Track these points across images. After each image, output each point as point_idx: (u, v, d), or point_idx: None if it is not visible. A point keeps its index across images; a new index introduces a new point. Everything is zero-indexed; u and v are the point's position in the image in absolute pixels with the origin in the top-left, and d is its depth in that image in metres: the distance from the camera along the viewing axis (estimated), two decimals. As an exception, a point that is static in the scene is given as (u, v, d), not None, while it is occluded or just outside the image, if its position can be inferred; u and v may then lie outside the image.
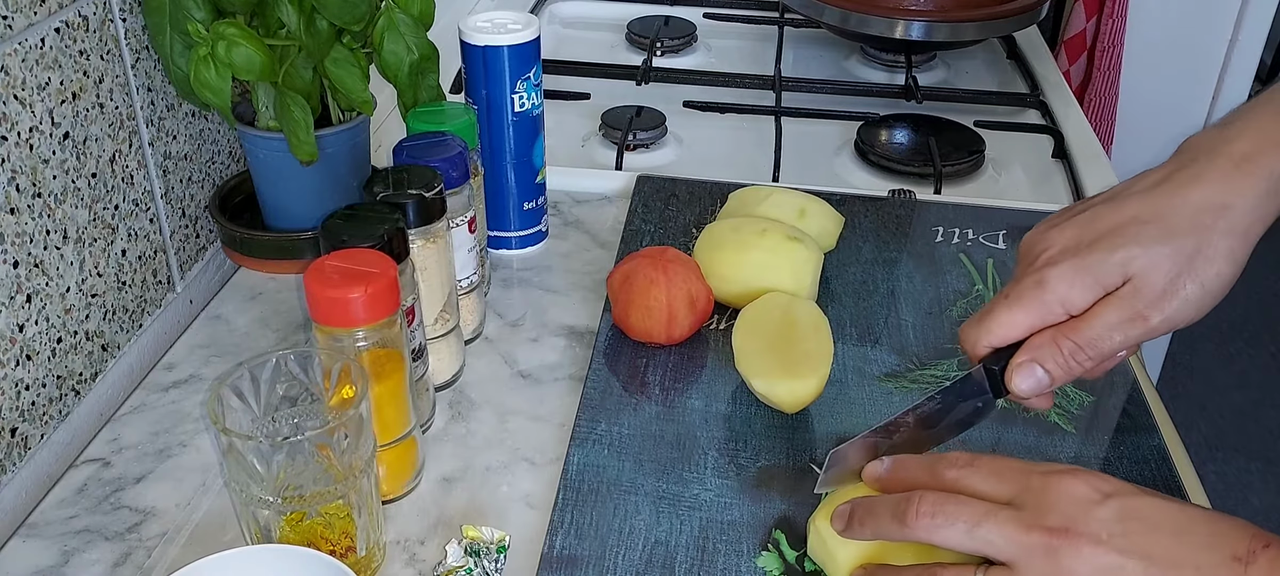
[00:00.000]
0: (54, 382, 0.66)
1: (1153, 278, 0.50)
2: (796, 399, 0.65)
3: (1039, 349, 0.52)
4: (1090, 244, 0.51)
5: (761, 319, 0.69)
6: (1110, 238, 0.51)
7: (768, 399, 0.65)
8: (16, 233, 0.61)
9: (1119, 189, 0.53)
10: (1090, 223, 0.52)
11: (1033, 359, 0.52)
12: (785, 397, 0.65)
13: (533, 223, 0.86)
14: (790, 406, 0.65)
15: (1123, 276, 0.50)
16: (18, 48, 0.60)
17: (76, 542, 0.60)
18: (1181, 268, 0.50)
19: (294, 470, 0.53)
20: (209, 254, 0.83)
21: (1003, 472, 0.49)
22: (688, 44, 1.30)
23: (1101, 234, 0.51)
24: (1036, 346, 0.52)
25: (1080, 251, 0.51)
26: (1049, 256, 0.52)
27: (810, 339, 0.67)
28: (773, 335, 0.68)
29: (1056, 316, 0.52)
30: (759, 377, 0.65)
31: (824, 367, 0.65)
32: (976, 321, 0.54)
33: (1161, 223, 0.50)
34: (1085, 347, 0.51)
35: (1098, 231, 0.51)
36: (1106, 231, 0.51)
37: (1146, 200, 0.51)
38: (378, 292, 0.56)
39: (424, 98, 0.76)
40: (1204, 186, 0.50)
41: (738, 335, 0.68)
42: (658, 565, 0.56)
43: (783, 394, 0.64)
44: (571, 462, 0.63)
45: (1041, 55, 1.28)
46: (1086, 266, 0.51)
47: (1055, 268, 0.51)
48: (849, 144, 1.06)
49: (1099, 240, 0.51)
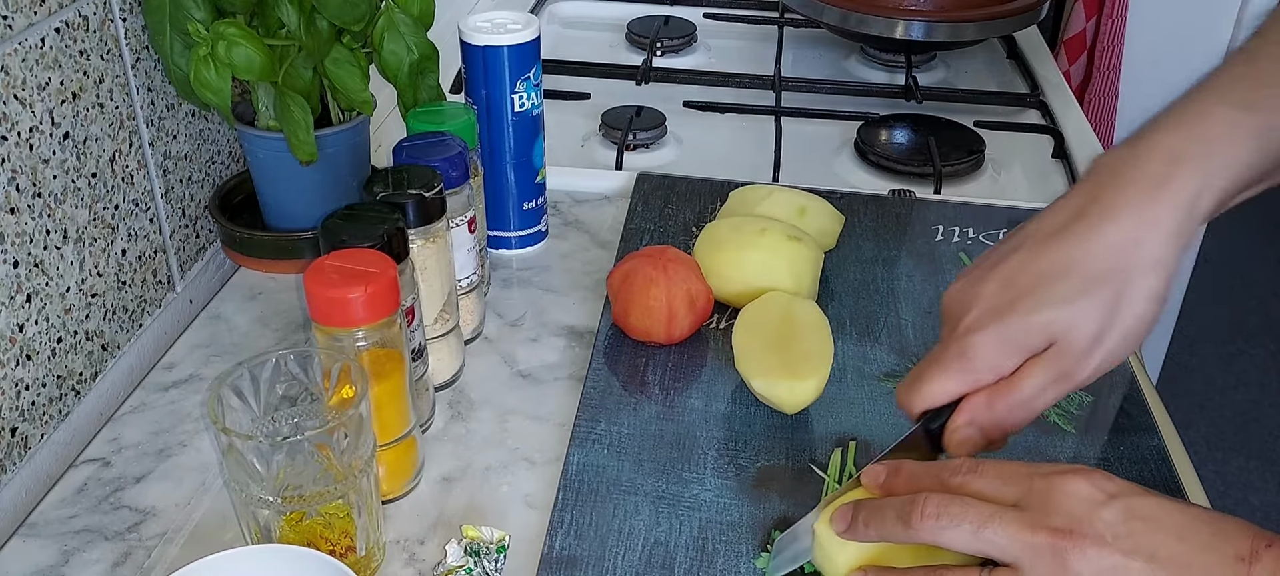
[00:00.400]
0: (54, 382, 0.66)
1: (1076, 336, 0.50)
2: (797, 399, 0.65)
3: (974, 411, 0.52)
4: (1011, 305, 0.51)
5: (762, 318, 0.69)
6: (1030, 298, 0.51)
7: (767, 399, 0.65)
8: (16, 232, 0.61)
9: (1033, 228, 0.53)
10: (1010, 280, 0.52)
11: (969, 419, 0.53)
12: (785, 398, 0.65)
13: (532, 222, 0.86)
14: (790, 407, 0.65)
15: (1046, 339, 0.51)
16: (18, 47, 0.60)
17: (76, 542, 0.60)
18: (1104, 320, 0.50)
19: (294, 470, 0.53)
20: (209, 254, 0.83)
21: (1007, 475, 0.49)
22: (688, 44, 1.30)
23: (1021, 293, 0.51)
24: (972, 408, 0.52)
25: (1002, 314, 0.51)
26: (971, 321, 0.52)
27: (810, 339, 0.67)
28: (773, 335, 0.68)
29: (986, 380, 0.52)
30: (759, 377, 0.65)
31: (824, 368, 0.65)
32: (910, 386, 0.54)
33: (1079, 274, 0.50)
34: (1017, 408, 0.52)
35: (1018, 290, 0.51)
36: (1026, 289, 0.51)
37: (1062, 246, 0.51)
38: (377, 292, 0.56)
39: (424, 97, 0.76)
40: (1116, 223, 0.50)
41: (738, 335, 0.68)
42: (657, 565, 0.56)
43: (783, 394, 0.64)
44: (571, 462, 0.63)
45: (1041, 55, 1.28)
46: (1010, 334, 0.51)
47: (978, 334, 0.52)
48: (849, 144, 1.06)
49: (1019, 300, 0.51)
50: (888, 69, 1.25)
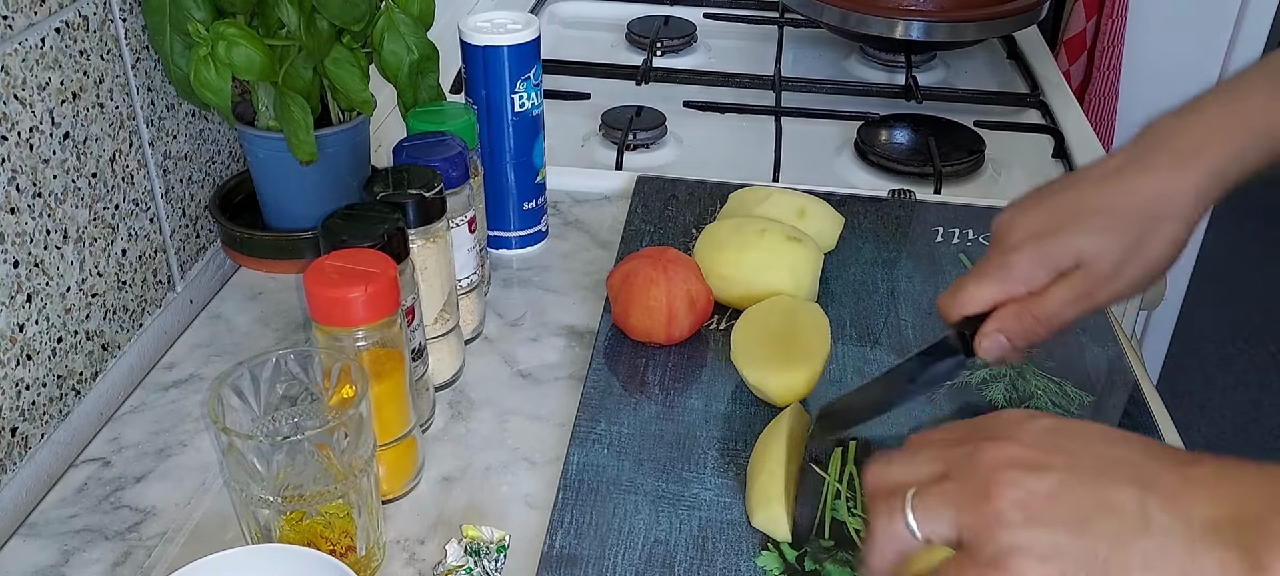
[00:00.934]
0: (54, 382, 0.66)
1: (1101, 263, 0.58)
2: (787, 389, 0.65)
3: (1003, 320, 0.59)
4: (1051, 230, 0.59)
5: (764, 317, 0.70)
6: (1068, 226, 0.58)
7: (759, 390, 0.66)
8: (17, 232, 0.61)
9: (1081, 173, 0.61)
10: (1054, 211, 0.59)
11: (999, 329, 0.59)
12: (775, 388, 0.65)
13: (533, 222, 0.86)
14: (781, 398, 0.65)
15: (1075, 260, 0.58)
16: (18, 48, 0.60)
17: (76, 542, 0.60)
18: (1128, 253, 0.57)
19: (294, 469, 0.53)
20: (209, 253, 0.83)
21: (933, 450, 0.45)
22: (688, 44, 1.30)
23: (1061, 222, 0.59)
24: (1001, 317, 0.59)
25: (1041, 237, 0.59)
26: (1014, 241, 0.59)
27: (808, 337, 0.68)
28: (772, 332, 0.68)
29: (1018, 292, 0.59)
30: (751, 368, 0.66)
31: (817, 362, 0.66)
32: (951, 293, 0.61)
33: (1112, 214, 0.58)
34: (1042, 320, 0.58)
35: (1058, 220, 0.59)
36: (1065, 220, 0.59)
37: (1102, 190, 0.58)
38: (378, 292, 0.56)
39: (424, 97, 0.76)
40: (1151, 177, 0.57)
41: (738, 331, 0.69)
42: (657, 564, 0.56)
43: (773, 385, 0.65)
44: (571, 462, 0.63)
45: (1041, 55, 1.28)
46: (1045, 252, 0.58)
47: (1018, 252, 0.59)
48: (849, 144, 1.06)
49: (1058, 227, 0.59)
50: (888, 69, 1.25)
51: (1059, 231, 0.58)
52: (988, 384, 0.70)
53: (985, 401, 0.68)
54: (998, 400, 0.68)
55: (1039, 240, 0.59)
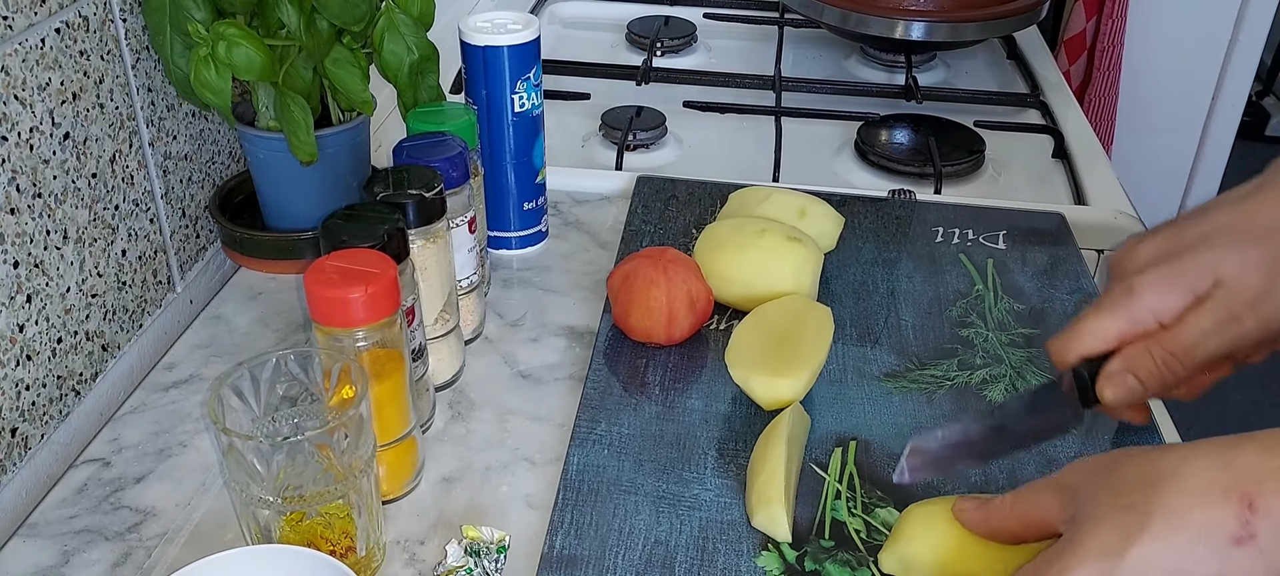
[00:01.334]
0: (54, 383, 0.66)
1: (1245, 281, 0.50)
2: (773, 396, 0.65)
3: (1131, 357, 0.52)
4: (1179, 252, 0.52)
5: (768, 318, 0.70)
6: (1198, 244, 0.51)
7: (746, 389, 0.66)
8: (17, 233, 0.61)
9: (1206, 204, 0.54)
10: (1178, 234, 0.52)
11: (1126, 367, 0.52)
12: (760, 393, 0.65)
13: (533, 223, 0.86)
14: (766, 403, 0.65)
15: (1213, 280, 0.50)
16: (18, 48, 0.60)
17: (76, 542, 0.60)
18: (1272, 270, 0.49)
19: (294, 470, 0.53)
20: (209, 254, 0.83)
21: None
22: (688, 44, 1.30)
23: (1189, 243, 0.52)
24: (1129, 355, 0.52)
25: (1171, 258, 0.52)
26: (1138, 266, 0.53)
27: (805, 343, 0.67)
28: (771, 334, 0.68)
29: (1147, 325, 0.52)
30: (738, 368, 0.66)
31: (806, 372, 0.65)
32: (1066, 331, 0.54)
33: (1249, 228, 0.50)
34: (1179, 355, 0.51)
35: (1186, 241, 0.52)
36: (1194, 240, 0.51)
37: (1233, 210, 0.52)
38: (378, 293, 0.56)
39: (424, 98, 0.76)
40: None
41: (739, 328, 0.69)
42: (657, 565, 0.56)
43: (757, 389, 0.65)
44: (571, 462, 0.63)
45: (1041, 55, 1.28)
46: (1176, 271, 0.51)
47: (1144, 275, 0.52)
48: (849, 144, 1.06)
49: (1187, 248, 0.51)
50: (888, 69, 1.25)
51: (1190, 250, 0.51)
52: (988, 384, 0.70)
53: (985, 400, 0.68)
54: (997, 400, 0.68)
55: (1168, 261, 0.51)
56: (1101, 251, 0.91)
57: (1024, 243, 0.84)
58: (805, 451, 0.64)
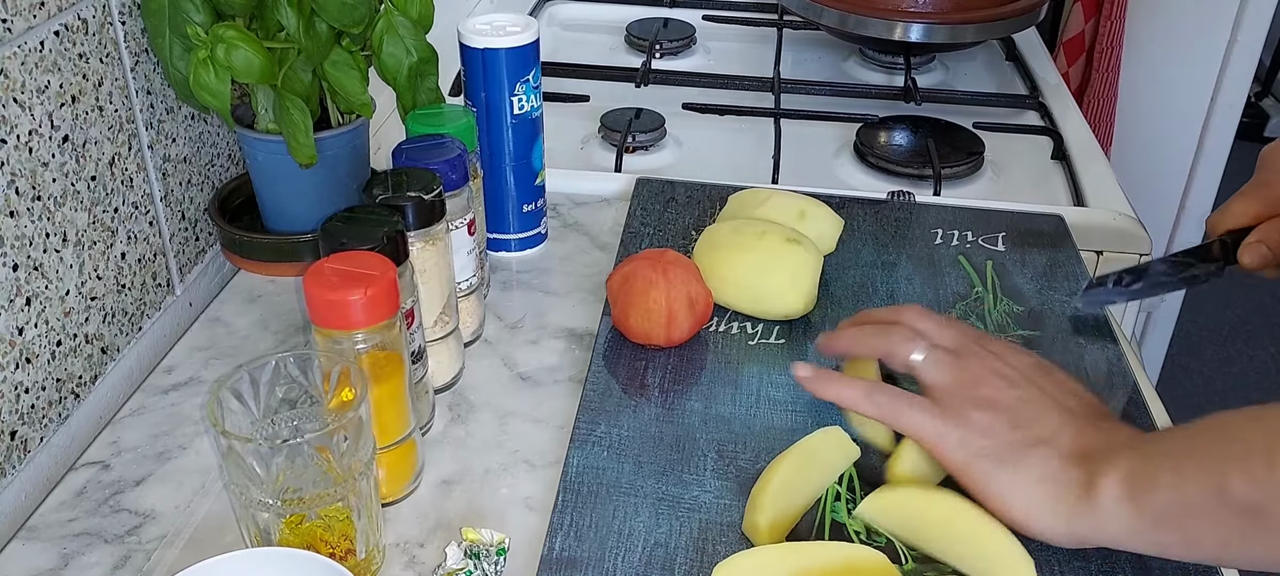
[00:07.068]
0: (53, 385, 0.66)
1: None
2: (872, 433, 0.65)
3: (1266, 231, 0.66)
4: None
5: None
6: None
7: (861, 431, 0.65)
8: (16, 236, 0.61)
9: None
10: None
11: (1261, 238, 0.66)
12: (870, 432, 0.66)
13: (532, 225, 0.86)
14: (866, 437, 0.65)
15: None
16: (17, 50, 0.60)
17: (76, 545, 0.60)
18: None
19: (293, 473, 0.53)
20: (208, 256, 0.83)
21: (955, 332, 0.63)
22: (687, 46, 1.30)
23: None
24: (1264, 229, 0.66)
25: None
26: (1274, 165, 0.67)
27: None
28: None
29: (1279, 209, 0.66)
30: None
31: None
32: (1219, 211, 0.69)
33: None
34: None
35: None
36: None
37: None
38: (377, 295, 0.56)
39: (423, 100, 0.76)
40: None
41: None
42: (657, 566, 0.56)
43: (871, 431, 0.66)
44: (571, 464, 0.63)
45: (1040, 57, 1.28)
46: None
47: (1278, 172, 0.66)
48: (848, 146, 1.06)
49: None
50: (887, 71, 1.25)
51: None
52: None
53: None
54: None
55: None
56: (1100, 253, 0.91)
57: (1023, 244, 0.84)
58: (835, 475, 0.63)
